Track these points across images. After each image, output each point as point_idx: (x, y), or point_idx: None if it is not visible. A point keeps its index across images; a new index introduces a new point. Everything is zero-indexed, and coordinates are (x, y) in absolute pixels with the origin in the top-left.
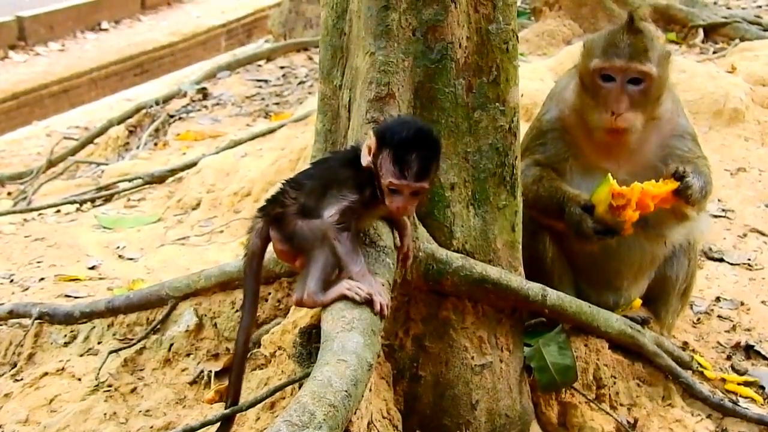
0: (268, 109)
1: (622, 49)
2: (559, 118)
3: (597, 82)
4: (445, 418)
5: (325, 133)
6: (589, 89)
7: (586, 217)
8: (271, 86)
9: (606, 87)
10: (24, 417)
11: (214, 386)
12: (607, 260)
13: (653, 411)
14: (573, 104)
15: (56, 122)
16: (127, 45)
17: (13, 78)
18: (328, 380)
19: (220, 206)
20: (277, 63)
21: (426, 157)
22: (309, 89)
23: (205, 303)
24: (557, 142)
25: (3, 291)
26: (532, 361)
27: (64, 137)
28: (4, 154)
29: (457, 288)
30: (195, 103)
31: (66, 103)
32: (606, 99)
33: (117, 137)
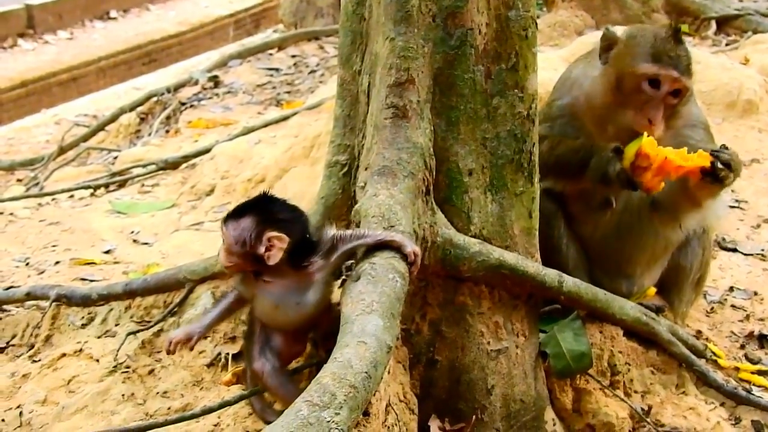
0: (280, 97)
1: (674, 59)
2: (571, 105)
3: (641, 85)
4: (460, 403)
5: (344, 118)
6: (625, 90)
7: (615, 160)
8: (282, 75)
9: (649, 93)
10: (42, 397)
11: (231, 369)
12: (621, 246)
13: (667, 399)
14: (590, 93)
15: (65, 110)
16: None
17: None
18: (348, 362)
19: (233, 192)
20: (288, 52)
21: (241, 210)
22: (320, 78)
23: (223, 286)
24: (566, 127)
25: (19, 274)
26: (547, 347)
27: (75, 124)
28: (14, 141)
29: (474, 273)
30: (206, 91)
31: (74, 92)
32: (646, 105)
33: (128, 124)
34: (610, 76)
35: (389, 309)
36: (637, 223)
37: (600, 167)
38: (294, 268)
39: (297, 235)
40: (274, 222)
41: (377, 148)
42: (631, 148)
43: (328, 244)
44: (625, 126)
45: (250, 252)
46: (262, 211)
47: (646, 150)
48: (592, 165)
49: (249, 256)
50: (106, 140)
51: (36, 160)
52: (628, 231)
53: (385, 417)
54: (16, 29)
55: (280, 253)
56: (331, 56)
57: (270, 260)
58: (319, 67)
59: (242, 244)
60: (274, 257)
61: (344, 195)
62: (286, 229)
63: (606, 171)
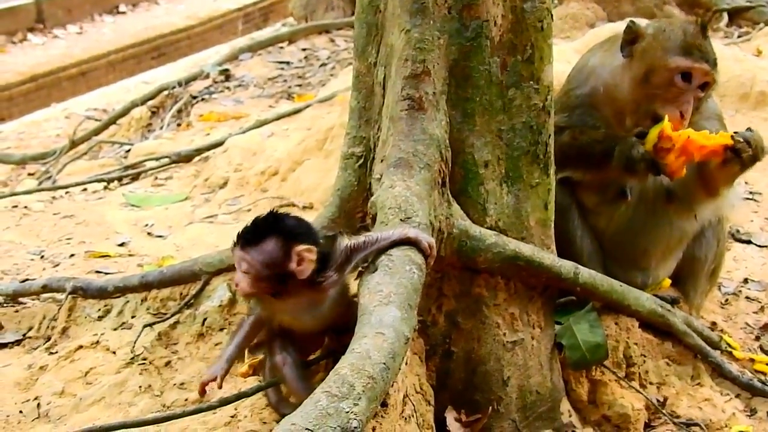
0: (291, 90)
1: (704, 53)
2: (590, 95)
3: (673, 79)
4: (476, 394)
5: (359, 110)
6: (655, 83)
7: (639, 144)
8: (293, 68)
9: (680, 86)
10: (60, 389)
11: (247, 360)
12: (636, 237)
13: (682, 390)
14: (610, 83)
15: (74, 104)
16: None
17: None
18: (366, 353)
19: (247, 185)
20: (299, 45)
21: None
22: (331, 71)
23: None
24: (584, 117)
25: (34, 267)
26: (563, 339)
27: (86, 118)
28: (24, 135)
29: (490, 265)
30: (217, 84)
31: (84, 86)
32: (677, 98)
33: (140, 118)
34: (637, 69)
35: (407, 300)
36: (652, 214)
37: (624, 152)
38: (309, 285)
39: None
40: (297, 236)
41: (393, 140)
42: (653, 131)
43: (342, 257)
44: (652, 117)
45: (280, 272)
46: (280, 229)
47: (668, 132)
48: (616, 152)
49: (276, 277)
50: (117, 134)
51: (47, 154)
52: (643, 223)
53: (403, 408)
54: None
55: (312, 264)
56: (341, 49)
57: (303, 274)
58: (330, 60)
59: (271, 266)
60: (306, 270)
61: (360, 187)
62: (310, 240)
63: (630, 155)
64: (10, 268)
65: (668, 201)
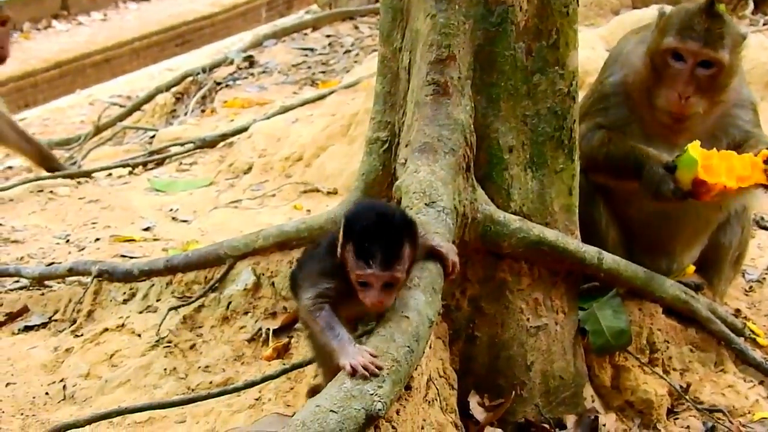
0: (315, 77)
1: (698, 32)
2: (623, 83)
3: (667, 60)
4: (499, 379)
5: (384, 95)
6: (658, 66)
7: (668, 178)
8: (317, 55)
9: (676, 67)
10: (85, 371)
11: (272, 344)
12: (661, 225)
13: (706, 376)
14: (639, 71)
15: (99, 91)
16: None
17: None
18: (391, 336)
19: (271, 171)
20: (323, 32)
21: (392, 244)
22: (355, 58)
23: (263, 262)
24: (620, 107)
25: (59, 251)
26: (587, 324)
27: (110, 104)
28: (48, 122)
29: (514, 250)
30: (241, 71)
31: (108, 73)
32: (674, 79)
33: (164, 104)
34: (646, 55)
35: (431, 284)
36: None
37: (652, 184)
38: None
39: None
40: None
41: (418, 125)
42: (684, 160)
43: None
44: (664, 107)
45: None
46: (402, 231)
47: (702, 177)
48: (644, 178)
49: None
50: (141, 120)
51: (72, 140)
52: (669, 211)
53: (426, 391)
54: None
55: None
56: (366, 36)
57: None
58: (354, 47)
59: (408, 269)
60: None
61: (384, 171)
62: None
63: (659, 189)
64: (36, 252)
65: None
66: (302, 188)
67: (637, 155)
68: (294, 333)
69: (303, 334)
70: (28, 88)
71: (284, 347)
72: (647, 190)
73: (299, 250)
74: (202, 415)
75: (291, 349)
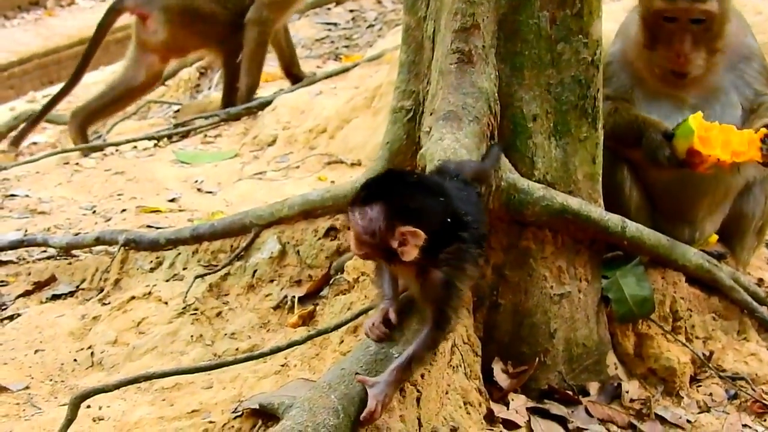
0: (338, 51)
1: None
2: (622, 51)
3: (659, 22)
4: (523, 347)
5: (408, 64)
6: (651, 29)
7: (665, 145)
8: (340, 29)
9: (669, 27)
10: (113, 338)
11: (297, 311)
12: (682, 191)
13: (728, 344)
14: (635, 38)
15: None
16: None
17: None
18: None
19: (295, 143)
20: (346, 6)
21: None
22: (378, 32)
23: (288, 231)
24: (620, 73)
25: (86, 221)
26: (610, 292)
27: None
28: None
29: (538, 218)
30: None
31: None
32: (670, 40)
33: (188, 79)
34: (639, 21)
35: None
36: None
37: (650, 150)
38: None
39: (434, 227)
40: (407, 211)
41: (442, 93)
42: (683, 129)
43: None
44: (664, 68)
45: (382, 245)
46: (392, 197)
47: (697, 148)
48: (644, 146)
49: (380, 249)
50: (166, 94)
51: None
52: (689, 176)
53: (451, 357)
54: None
55: (415, 250)
56: (389, 11)
57: (405, 257)
58: (377, 21)
59: (372, 236)
60: (408, 254)
61: (409, 140)
62: (421, 222)
63: (656, 155)
64: (62, 222)
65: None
66: (326, 160)
67: (639, 123)
68: (319, 300)
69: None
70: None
71: (309, 315)
72: (646, 156)
73: (324, 219)
74: (228, 381)
75: (316, 316)
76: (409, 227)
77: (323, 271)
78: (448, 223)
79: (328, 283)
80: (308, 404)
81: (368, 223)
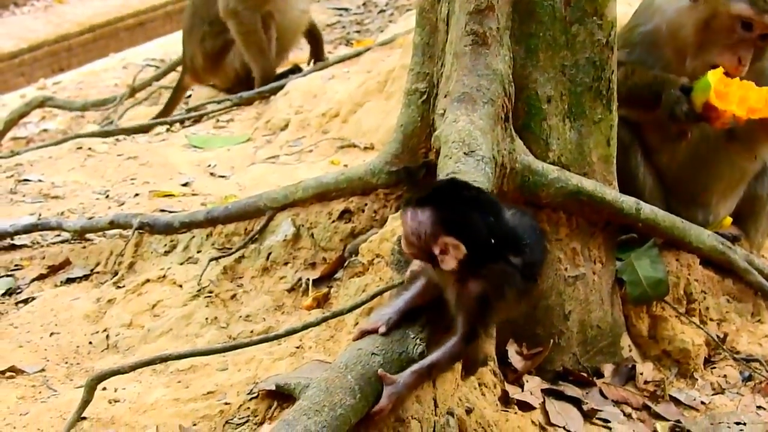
0: (349, 36)
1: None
2: (652, 32)
3: (734, 26)
4: (538, 328)
5: (423, 46)
6: (716, 28)
7: (683, 99)
8: (351, 15)
9: (740, 34)
10: (128, 321)
11: (312, 293)
12: (697, 175)
13: (742, 327)
14: (676, 23)
15: (132, 54)
16: None
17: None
18: None
19: (308, 127)
20: None
21: None
22: (389, 17)
23: (303, 214)
24: (645, 55)
25: (100, 206)
26: (624, 274)
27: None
28: (82, 85)
29: (553, 200)
30: None
31: (141, 36)
32: (736, 45)
33: None
34: (701, 13)
35: None
36: (713, 152)
37: (668, 105)
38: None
39: (476, 244)
40: (453, 224)
41: (457, 75)
42: (699, 95)
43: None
44: (710, 62)
45: (425, 249)
46: (444, 206)
47: (713, 102)
48: (662, 102)
49: (424, 252)
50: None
51: (108, 101)
52: (704, 160)
53: None
54: None
55: (454, 261)
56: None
57: (444, 265)
58: (389, 6)
59: (417, 238)
60: (447, 263)
61: (423, 123)
62: (464, 236)
63: (674, 110)
64: (76, 207)
65: (729, 140)
66: (339, 144)
67: (657, 81)
68: (334, 283)
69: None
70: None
71: (324, 297)
72: (664, 112)
73: (338, 202)
74: (243, 363)
75: (331, 298)
76: (452, 239)
77: (337, 253)
78: (495, 243)
79: (343, 265)
80: (325, 384)
81: (417, 225)
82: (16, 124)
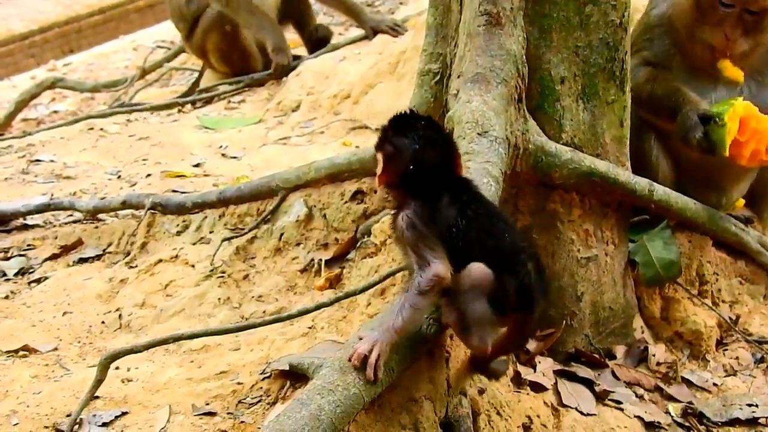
0: None
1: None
2: (667, 15)
3: (715, 4)
4: (550, 309)
5: (436, 27)
6: (703, 5)
7: (699, 128)
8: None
9: (723, 11)
10: (141, 301)
11: (324, 274)
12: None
13: (755, 308)
14: (682, 5)
15: (142, 36)
16: None
17: None
18: None
19: (319, 108)
20: None
21: None
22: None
23: (315, 194)
24: (663, 38)
25: (112, 186)
26: (637, 256)
27: (157, 47)
28: (93, 67)
29: (566, 181)
30: None
31: (151, 18)
32: (722, 22)
33: None
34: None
35: None
36: None
37: (683, 129)
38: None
39: (393, 161)
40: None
41: (470, 56)
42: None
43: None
44: (709, 45)
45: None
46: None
47: (740, 140)
48: (678, 121)
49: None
50: (188, 61)
51: (119, 82)
52: None
53: None
54: None
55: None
56: None
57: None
58: None
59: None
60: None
61: (436, 103)
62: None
63: (687, 136)
64: (88, 187)
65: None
66: (351, 125)
67: (677, 97)
68: (346, 263)
69: None
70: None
71: (336, 277)
72: (677, 134)
73: (351, 182)
74: (256, 343)
75: (343, 279)
76: (380, 151)
77: (350, 234)
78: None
79: (355, 246)
80: (338, 364)
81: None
82: (26, 105)
